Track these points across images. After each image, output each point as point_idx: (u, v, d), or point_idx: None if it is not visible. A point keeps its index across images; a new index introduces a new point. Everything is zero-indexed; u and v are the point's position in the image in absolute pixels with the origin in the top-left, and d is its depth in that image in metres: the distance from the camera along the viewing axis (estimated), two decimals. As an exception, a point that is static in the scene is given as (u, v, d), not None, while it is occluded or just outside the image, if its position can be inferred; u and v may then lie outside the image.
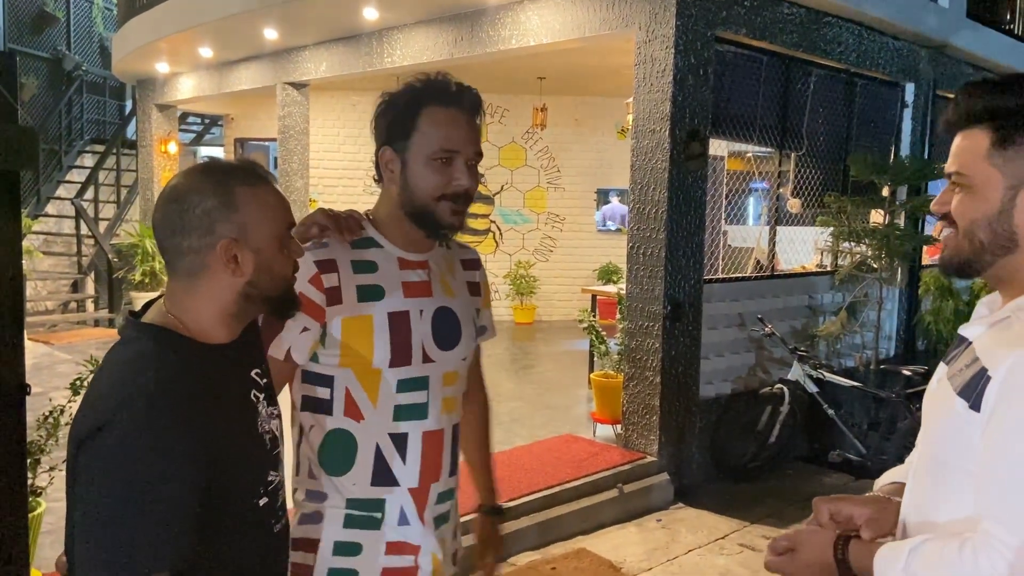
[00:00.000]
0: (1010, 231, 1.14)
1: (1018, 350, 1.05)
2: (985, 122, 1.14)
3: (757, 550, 4.24)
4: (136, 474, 1.13)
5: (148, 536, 1.13)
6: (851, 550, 1.18)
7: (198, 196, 1.25)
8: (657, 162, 4.84)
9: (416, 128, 1.49)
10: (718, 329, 5.32)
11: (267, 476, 1.35)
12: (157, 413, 1.15)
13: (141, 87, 10.64)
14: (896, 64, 6.54)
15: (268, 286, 1.30)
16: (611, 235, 10.43)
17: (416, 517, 1.55)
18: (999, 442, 1.04)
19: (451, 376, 1.60)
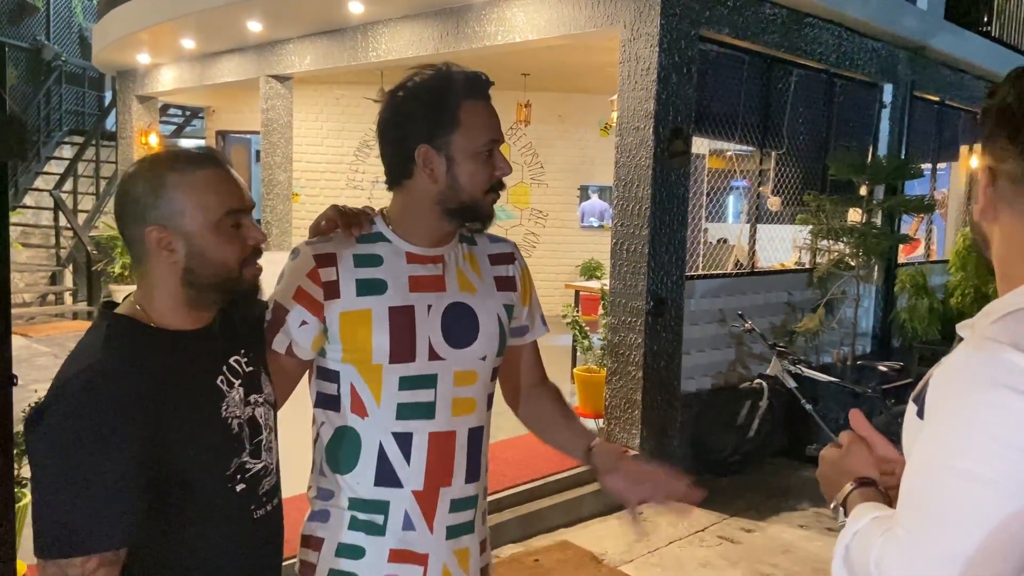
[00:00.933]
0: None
1: (949, 356, 1.00)
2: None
3: (736, 542, 4.31)
4: (73, 456, 1.16)
5: (89, 516, 1.17)
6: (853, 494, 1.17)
7: (133, 185, 1.29)
8: (641, 159, 4.89)
9: (459, 124, 1.44)
10: (699, 325, 5.39)
11: (237, 462, 1.35)
12: (96, 393, 1.18)
13: (121, 78, 10.54)
14: (875, 65, 6.63)
15: (206, 272, 1.29)
16: (593, 231, 10.49)
17: (423, 523, 1.49)
18: (918, 449, 1.01)
19: (467, 376, 1.52)
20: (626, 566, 3.97)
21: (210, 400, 1.33)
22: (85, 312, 9.97)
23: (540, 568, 3.87)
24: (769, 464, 5.57)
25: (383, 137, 1.50)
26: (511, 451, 4.90)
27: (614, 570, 3.89)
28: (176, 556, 1.30)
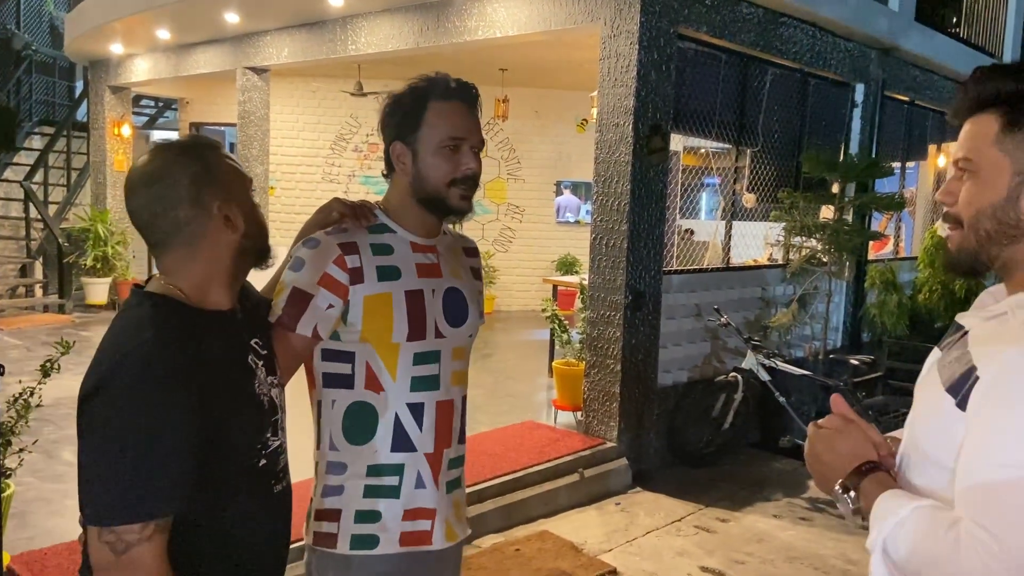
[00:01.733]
0: (1016, 219, 1.11)
1: (1007, 352, 1.03)
2: (995, 107, 1.12)
3: (712, 532, 4.40)
4: (135, 425, 1.22)
5: (147, 482, 1.23)
6: (867, 479, 1.17)
7: (179, 170, 1.37)
8: (620, 155, 4.96)
9: (424, 122, 1.62)
10: (676, 319, 5.47)
11: (264, 438, 1.44)
12: (154, 369, 1.25)
13: (94, 68, 10.41)
14: (847, 65, 6.76)
15: (257, 235, 1.44)
16: (570, 227, 10.56)
17: (431, 481, 1.67)
18: (982, 444, 1.02)
19: (459, 351, 1.73)
20: (605, 555, 4.03)
21: (245, 377, 1.42)
22: (56, 305, 9.84)
23: (521, 557, 3.93)
24: (743, 455, 5.67)
25: (380, 135, 1.71)
26: (490, 444, 4.95)
27: (593, 559, 3.96)
28: (212, 527, 1.36)
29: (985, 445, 1.02)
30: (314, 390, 1.70)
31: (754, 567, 3.99)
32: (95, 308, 9.99)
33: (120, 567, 1.22)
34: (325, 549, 1.65)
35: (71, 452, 4.73)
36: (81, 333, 8.48)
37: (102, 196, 10.36)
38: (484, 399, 6.17)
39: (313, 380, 1.69)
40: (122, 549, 1.22)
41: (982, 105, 1.14)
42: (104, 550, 1.22)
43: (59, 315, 9.62)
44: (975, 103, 1.15)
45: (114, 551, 1.22)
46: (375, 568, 1.64)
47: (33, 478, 4.26)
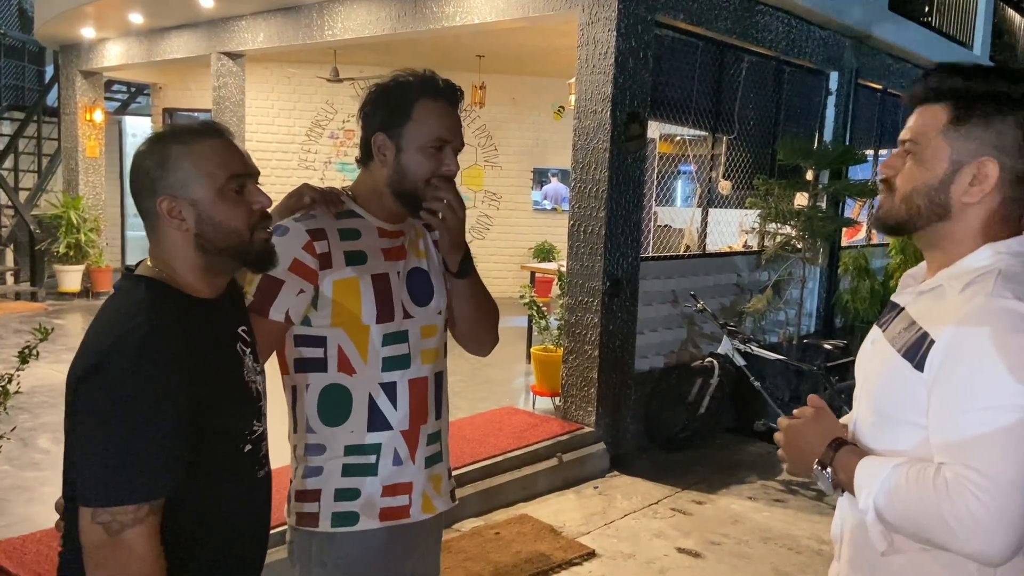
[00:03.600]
0: (945, 201, 1.27)
1: (960, 316, 1.17)
2: (946, 100, 1.27)
3: (688, 514, 4.47)
4: (130, 408, 1.23)
5: (143, 464, 1.24)
6: (840, 453, 1.30)
7: (143, 160, 1.38)
8: (598, 142, 4.98)
9: (411, 118, 1.65)
10: (653, 305, 5.53)
11: (252, 424, 1.47)
12: (149, 353, 1.26)
13: (65, 53, 10.24)
14: (822, 53, 6.82)
15: (215, 236, 1.37)
16: (547, 214, 10.59)
17: (408, 457, 1.72)
18: (956, 397, 1.16)
19: (429, 329, 1.76)
20: (583, 538, 4.09)
21: (235, 364, 1.44)
22: (28, 293, 9.71)
23: (501, 540, 3.97)
24: (719, 439, 5.75)
25: (360, 122, 1.73)
26: (469, 429, 4.99)
27: (572, 541, 4.01)
28: (201, 511, 1.37)
29: (957, 396, 1.16)
30: (287, 375, 1.73)
31: (729, 548, 4.07)
32: (68, 296, 9.87)
33: (113, 547, 1.23)
34: (307, 528, 1.68)
35: (47, 440, 4.70)
36: (54, 321, 8.38)
37: (74, 182, 10.22)
38: (462, 386, 6.20)
39: (286, 365, 1.72)
40: (116, 530, 1.23)
41: (936, 96, 1.28)
42: (98, 531, 1.23)
43: (32, 303, 9.50)
44: (930, 93, 1.29)
45: (108, 531, 1.23)
46: (357, 544, 1.68)
47: (9, 466, 4.23)
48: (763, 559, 3.96)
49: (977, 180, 1.24)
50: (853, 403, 1.44)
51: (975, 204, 1.26)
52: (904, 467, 1.19)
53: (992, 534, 1.09)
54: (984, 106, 1.24)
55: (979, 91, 1.25)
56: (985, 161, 1.24)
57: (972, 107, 1.24)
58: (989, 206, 1.26)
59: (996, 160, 1.23)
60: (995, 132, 1.23)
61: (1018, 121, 1.23)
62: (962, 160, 1.25)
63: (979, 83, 1.26)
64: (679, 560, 3.92)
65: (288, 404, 1.74)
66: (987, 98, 1.24)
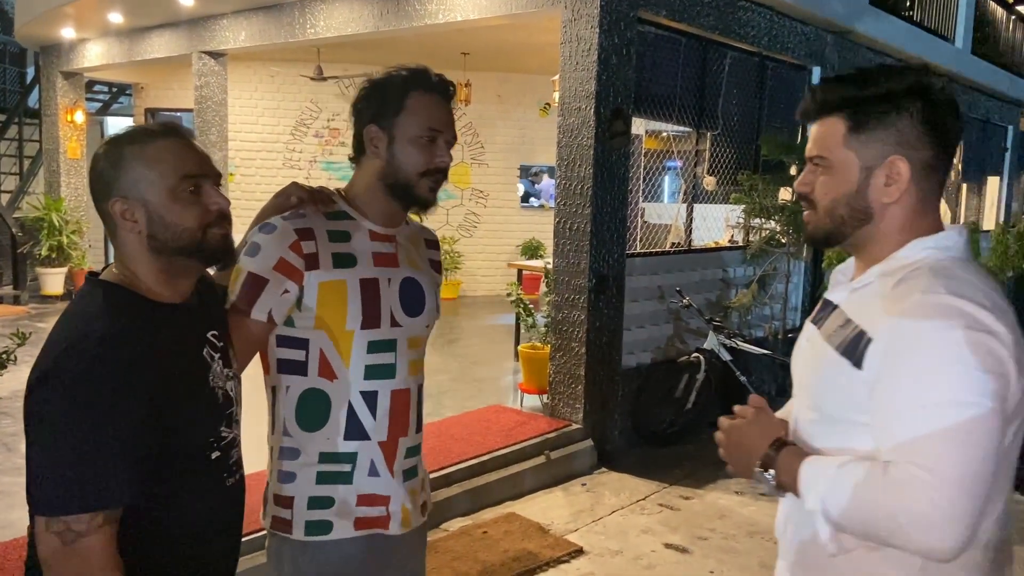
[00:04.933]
0: (865, 206, 1.30)
1: (896, 313, 1.19)
2: (841, 111, 1.30)
3: (675, 509, 4.48)
4: (84, 414, 1.21)
5: (97, 472, 1.22)
6: (782, 454, 1.30)
7: (98, 163, 1.37)
8: (583, 139, 4.98)
9: (404, 109, 1.63)
10: (639, 301, 5.53)
11: (218, 430, 1.44)
12: (102, 358, 1.23)
13: (45, 53, 10.14)
14: (804, 48, 6.84)
15: (167, 237, 1.35)
16: (534, 211, 10.58)
17: (385, 469, 1.68)
18: (900, 396, 1.16)
19: (416, 341, 1.74)
20: (572, 535, 4.09)
21: (200, 370, 1.41)
22: (11, 296, 9.62)
23: (489, 539, 3.96)
24: (706, 435, 5.75)
25: (352, 118, 1.69)
26: (457, 428, 4.98)
27: (560, 539, 4.01)
28: (164, 519, 1.35)
29: (901, 395, 1.16)
30: (268, 375, 1.71)
31: (716, 542, 4.08)
32: (51, 299, 9.79)
33: (68, 557, 1.21)
34: (282, 534, 1.66)
35: (30, 445, 4.65)
36: (37, 324, 8.31)
37: (56, 184, 10.12)
38: (450, 384, 6.19)
39: (268, 366, 1.70)
40: (71, 539, 1.21)
41: (829, 109, 1.31)
42: (52, 540, 1.21)
43: (14, 306, 9.41)
44: (823, 107, 1.32)
45: (63, 541, 1.21)
46: (331, 553, 1.65)
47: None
48: (750, 553, 3.98)
49: (891, 179, 1.27)
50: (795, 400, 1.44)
51: (895, 202, 1.29)
52: (850, 467, 1.19)
53: (943, 530, 1.10)
54: (878, 107, 1.27)
55: (869, 95, 1.28)
56: (894, 160, 1.27)
57: (867, 112, 1.28)
58: (909, 201, 1.29)
59: (903, 156, 1.27)
60: (895, 130, 1.27)
61: (913, 113, 1.26)
62: (872, 164, 1.28)
63: (867, 87, 1.29)
64: (667, 556, 3.92)
65: (268, 404, 1.72)
66: (878, 100, 1.27)
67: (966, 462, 1.11)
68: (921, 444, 1.13)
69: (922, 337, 1.16)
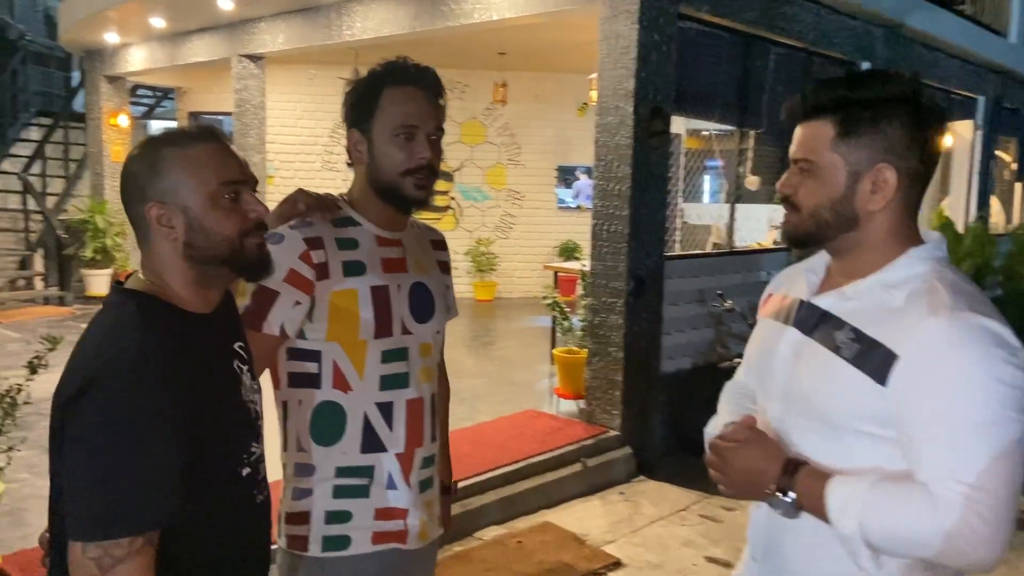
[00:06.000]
0: (851, 212, 1.28)
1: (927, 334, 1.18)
2: (830, 114, 1.27)
3: (718, 521, 4.34)
4: (122, 433, 1.14)
5: (136, 493, 1.16)
6: (800, 477, 1.26)
7: (132, 165, 1.30)
8: (621, 139, 4.86)
9: (378, 108, 1.58)
10: (679, 305, 5.39)
11: (250, 446, 1.38)
12: (141, 374, 1.17)
13: (89, 58, 10.31)
14: (852, 43, 6.64)
15: (206, 245, 1.28)
16: (571, 212, 10.46)
17: (403, 481, 1.64)
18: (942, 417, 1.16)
19: (426, 348, 1.69)
20: (608, 546, 3.97)
21: (233, 383, 1.35)
22: (56, 297, 9.79)
23: (523, 550, 3.87)
24: (748, 442, 5.59)
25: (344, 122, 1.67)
26: (491, 433, 4.89)
27: (597, 550, 3.90)
28: (198, 538, 1.28)
29: (943, 417, 1.16)
30: (279, 390, 1.65)
31: (760, 557, 3.93)
32: (95, 300, 9.93)
33: None
34: (297, 552, 1.61)
35: (68, 447, 4.66)
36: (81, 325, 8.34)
37: (100, 187, 10.29)
38: (485, 388, 6.11)
39: (278, 380, 1.64)
40: (109, 565, 1.14)
41: (818, 111, 1.29)
42: (89, 566, 1.14)
43: (59, 307, 9.57)
44: (812, 109, 1.30)
45: (100, 567, 1.14)
46: (348, 569, 1.61)
47: (28, 474, 4.21)
48: (796, 569, 3.82)
49: (877, 187, 1.26)
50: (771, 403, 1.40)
51: (880, 210, 1.27)
52: (885, 487, 1.18)
53: (992, 545, 1.12)
54: (868, 113, 1.25)
55: (860, 99, 1.26)
56: (881, 168, 1.25)
57: (857, 117, 1.25)
58: (895, 209, 1.28)
59: (892, 164, 1.25)
60: (884, 137, 1.25)
61: (903, 121, 1.24)
62: (859, 170, 1.26)
63: (858, 92, 1.27)
64: (708, 570, 3.79)
65: (279, 420, 1.66)
66: (869, 105, 1.25)
67: (1013, 480, 1.13)
68: (966, 464, 1.13)
69: (957, 358, 1.16)
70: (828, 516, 1.21)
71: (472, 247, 10.25)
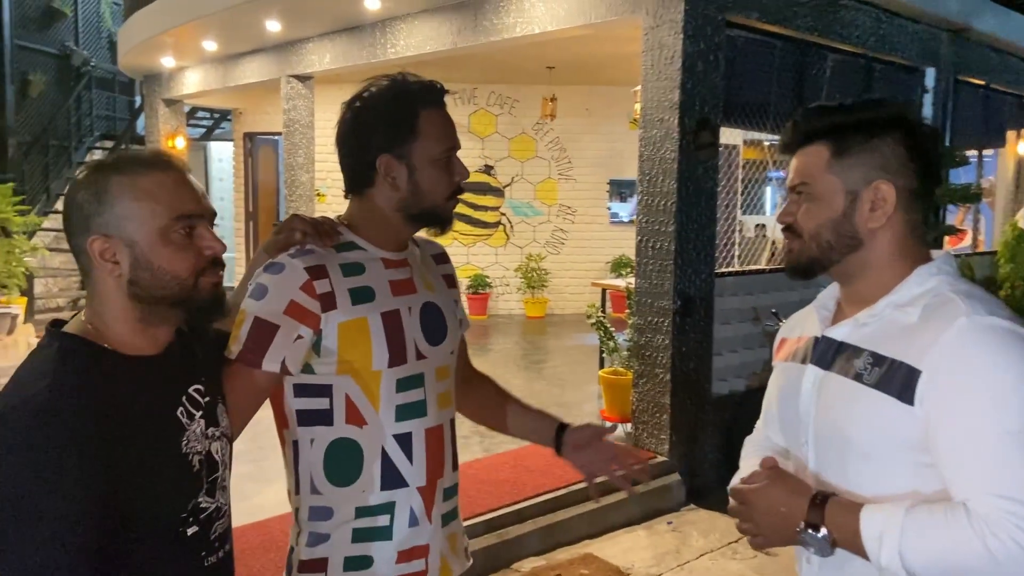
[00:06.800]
0: (853, 231, 1.27)
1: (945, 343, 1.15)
2: (823, 138, 1.29)
3: (772, 554, 4.07)
4: (19, 492, 1.03)
5: (37, 559, 1.03)
6: (829, 509, 1.20)
7: (75, 191, 1.19)
8: (666, 152, 4.68)
9: (419, 133, 1.49)
10: (731, 324, 5.16)
11: (193, 502, 1.23)
12: (44, 424, 1.05)
13: (148, 82, 10.57)
14: (916, 48, 6.32)
15: (153, 284, 1.18)
16: (624, 227, 10.25)
17: (424, 516, 1.54)
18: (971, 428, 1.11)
19: (443, 371, 1.60)
20: (653, 581, 3.78)
21: (170, 433, 1.21)
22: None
23: (562, 584, 3.70)
24: (807, 469, 5.32)
25: (342, 147, 1.54)
26: (533, 458, 4.73)
27: (640, 585, 3.71)
28: None
29: (972, 426, 1.11)
30: (287, 430, 1.52)
31: (817, 596, 3.68)
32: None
33: None
34: None
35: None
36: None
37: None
38: (531, 409, 5.95)
39: (284, 419, 1.51)
40: None
41: (811, 137, 1.30)
42: None
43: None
44: (806, 136, 1.31)
45: None
46: None
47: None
48: (855, 610, 3.56)
49: (876, 204, 1.26)
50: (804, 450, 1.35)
51: (883, 227, 1.27)
52: (922, 510, 1.12)
53: None
54: (860, 134, 1.27)
55: (851, 122, 1.28)
56: (878, 184, 1.25)
57: (850, 137, 1.27)
58: (896, 226, 1.27)
59: (888, 181, 1.25)
60: (878, 155, 1.26)
61: (896, 139, 1.26)
62: (856, 189, 1.27)
63: (850, 116, 1.29)
64: (759, 609, 3.56)
65: (288, 462, 1.54)
66: (861, 126, 1.27)
67: None
68: (1001, 473, 1.08)
69: (982, 363, 1.13)
70: (864, 547, 1.14)
71: (523, 263, 10.13)
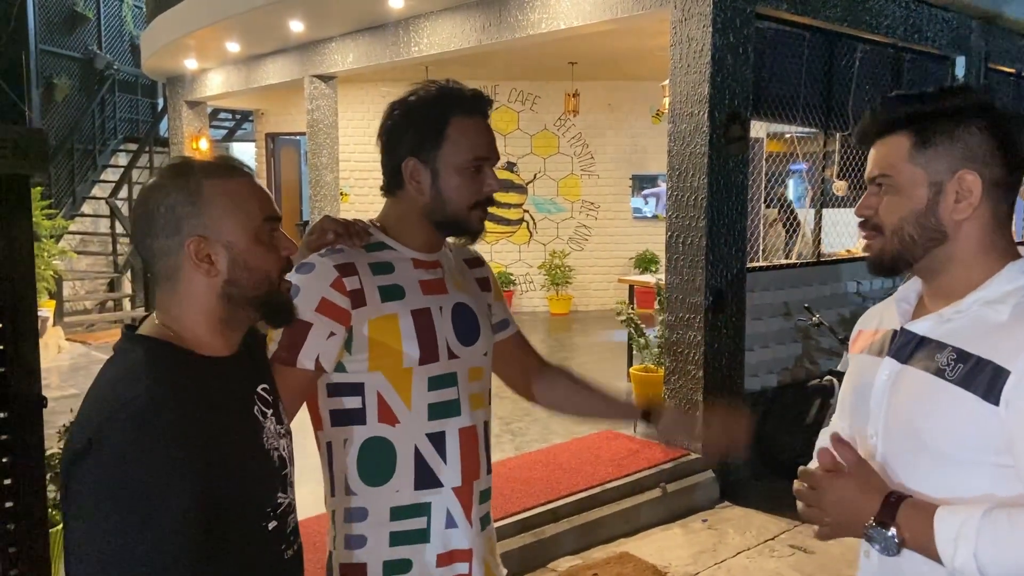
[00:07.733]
0: (937, 224, 1.22)
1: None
2: (904, 128, 1.23)
3: (809, 552, 4.04)
4: (129, 489, 1.05)
5: (146, 553, 1.05)
6: (904, 509, 1.16)
7: (163, 194, 1.19)
8: (696, 147, 4.63)
9: (445, 139, 1.50)
10: (763, 319, 5.11)
11: (276, 497, 1.26)
12: (148, 426, 1.07)
13: (171, 84, 10.64)
14: (946, 37, 6.22)
15: (248, 283, 1.22)
16: (648, 222, 10.20)
17: (463, 518, 1.53)
18: None
19: (476, 372, 1.60)
20: (691, 580, 3.74)
21: (253, 430, 1.25)
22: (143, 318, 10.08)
23: (599, 583, 3.67)
24: (841, 465, 5.25)
25: (381, 148, 1.56)
26: (566, 456, 4.71)
27: (678, 584, 3.68)
28: None
29: None
30: (321, 431, 1.54)
31: (858, 594, 3.63)
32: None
33: None
34: None
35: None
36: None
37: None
38: (560, 407, 5.92)
39: (319, 420, 1.53)
40: None
41: (891, 127, 1.25)
42: None
43: (146, 328, 9.84)
44: (884, 127, 1.26)
45: None
46: None
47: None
48: (898, 609, 3.51)
49: (962, 195, 1.21)
50: (871, 442, 1.30)
51: (968, 219, 1.22)
52: (1001, 513, 1.08)
53: None
54: (944, 122, 1.22)
55: (934, 110, 1.23)
56: (963, 174, 1.20)
57: (933, 126, 1.22)
58: (983, 218, 1.22)
59: (974, 171, 1.20)
60: (962, 144, 1.21)
61: (979, 127, 1.21)
62: (940, 180, 1.22)
63: (931, 104, 1.24)
64: (800, 608, 3.51)
65: (324, 463, 1.55)
66: (944, 114, 1.22)
67: None
68: None
69: None
70: (937, 549, 1.11)
71: (546, 260, 10.10)
